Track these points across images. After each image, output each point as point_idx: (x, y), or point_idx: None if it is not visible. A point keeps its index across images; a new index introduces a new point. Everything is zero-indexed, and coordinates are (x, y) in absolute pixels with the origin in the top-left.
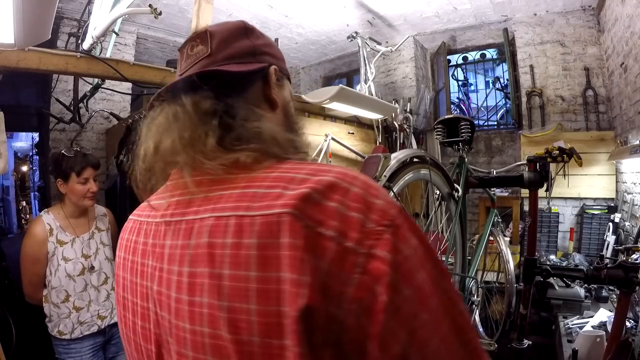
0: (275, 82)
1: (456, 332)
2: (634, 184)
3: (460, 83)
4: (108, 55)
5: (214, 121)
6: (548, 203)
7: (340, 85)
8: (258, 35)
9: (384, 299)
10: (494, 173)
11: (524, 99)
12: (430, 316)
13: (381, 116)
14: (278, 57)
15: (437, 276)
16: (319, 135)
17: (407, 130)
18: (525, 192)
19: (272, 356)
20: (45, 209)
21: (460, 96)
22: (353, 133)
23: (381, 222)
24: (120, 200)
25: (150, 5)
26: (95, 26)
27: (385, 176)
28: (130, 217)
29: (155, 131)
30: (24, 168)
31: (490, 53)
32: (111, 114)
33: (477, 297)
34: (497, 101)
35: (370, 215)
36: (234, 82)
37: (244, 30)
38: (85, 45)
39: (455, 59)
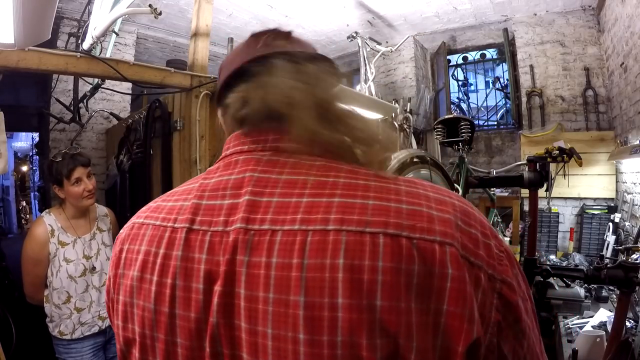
0: None
1: None
2: (634, 184)
3: (460, 83)
4: (108, 55)
5: (335, 95)
6: (548, 203)
7: (341, 85)
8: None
9: (510, 320)
10: (494, 173)
11: (524, 99)
12: (535, 342)
13: (381, 116)
14: None
15: (532, 303)
16: None
17: (407, 130)
18: (525, 192)
19: None
20: (47, 210)
21: (460, 96)
22: None
23: (500, 248)
24: (120, 200)
25: (150, 5)
26: (95, 26)
27: None
28: (138, 220)
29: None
30: (24, 168)
31: (490, 53)
32: (111, 114)
33: None
34: (497, 101)
35: (494, 242)
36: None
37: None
38: (85, 45)
39: (455, 59)
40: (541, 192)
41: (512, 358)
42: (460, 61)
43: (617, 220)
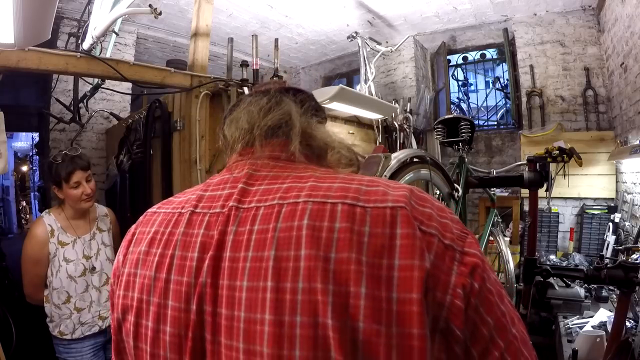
0: None
1: (522, 339)
2: (634, 184)
3: (460, 83)
4: (108, 55)
5: (312, 117)
6: (548, 203)
7: (340, 85)
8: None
9: (476, 287)
10: (494, 173)
11: (524, 99)
12: (506, 309)
13: (381, 116)
14: None
15: (499, 283)
16: None
17: (407, 130)
18: (525, 192)
19: (402, 346)
20: (47, 210)
21: (460, 96)
22: (353, 133)
23: (462, 230)
24: (120, 200)
25: (150, 5)
26: (95, 26)
27: (385, 176)
28: (151, 210)
29: (257, 107)
30: (24, 168)
31: (490, 53)
32: (111, 114)
33: None
34: (497, 101)
35: (454, 224)
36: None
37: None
38: (85, 45)
39: (455, 59)
40: (541, 192)
41: (477, 336)
42: (460, 61)
43: (617, 220)
